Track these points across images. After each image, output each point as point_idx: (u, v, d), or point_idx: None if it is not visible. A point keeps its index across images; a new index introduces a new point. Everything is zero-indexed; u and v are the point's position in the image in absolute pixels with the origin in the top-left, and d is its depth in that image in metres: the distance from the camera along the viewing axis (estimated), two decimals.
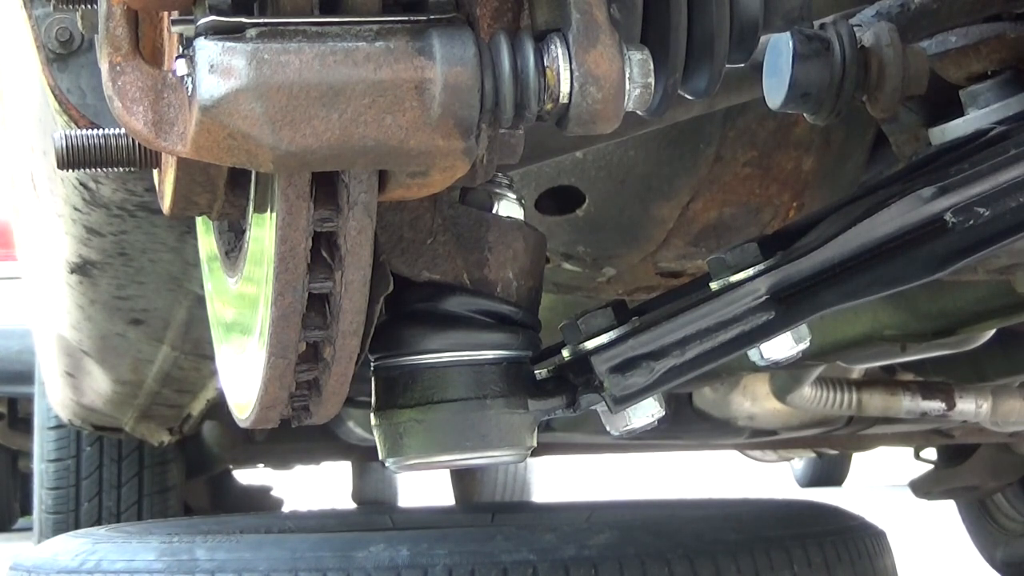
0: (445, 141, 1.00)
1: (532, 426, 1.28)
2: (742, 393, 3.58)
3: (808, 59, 1.31)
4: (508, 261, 1.28)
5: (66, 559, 2.25)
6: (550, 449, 4.38)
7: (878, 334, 2.63)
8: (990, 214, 1.25)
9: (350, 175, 1.05)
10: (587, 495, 8.00)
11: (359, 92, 0.98)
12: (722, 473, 12.53)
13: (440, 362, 1.25)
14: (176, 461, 4.13)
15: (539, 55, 1.03)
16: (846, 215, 1.30)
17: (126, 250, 2.18)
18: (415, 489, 8.08)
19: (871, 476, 11.78)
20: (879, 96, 1.34)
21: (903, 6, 1.43)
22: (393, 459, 1.27)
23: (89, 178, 1.93)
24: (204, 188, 1.21)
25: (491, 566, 1.99)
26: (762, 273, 1.28)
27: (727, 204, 1.99)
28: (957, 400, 3.39)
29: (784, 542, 2.14)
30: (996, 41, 1.43)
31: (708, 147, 1.93)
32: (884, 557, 2.37)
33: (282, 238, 1.07)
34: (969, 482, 4.39)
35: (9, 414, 7.77)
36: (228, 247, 1.31)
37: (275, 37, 0.98)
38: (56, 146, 1.19)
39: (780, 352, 1.29)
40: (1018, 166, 1.26)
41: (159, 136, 1.02)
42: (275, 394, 1.18)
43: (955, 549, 5.47)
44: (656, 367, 1.27)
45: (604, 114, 1.04)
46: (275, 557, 2.04)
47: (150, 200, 1.92)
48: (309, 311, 1.12)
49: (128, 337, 2.79)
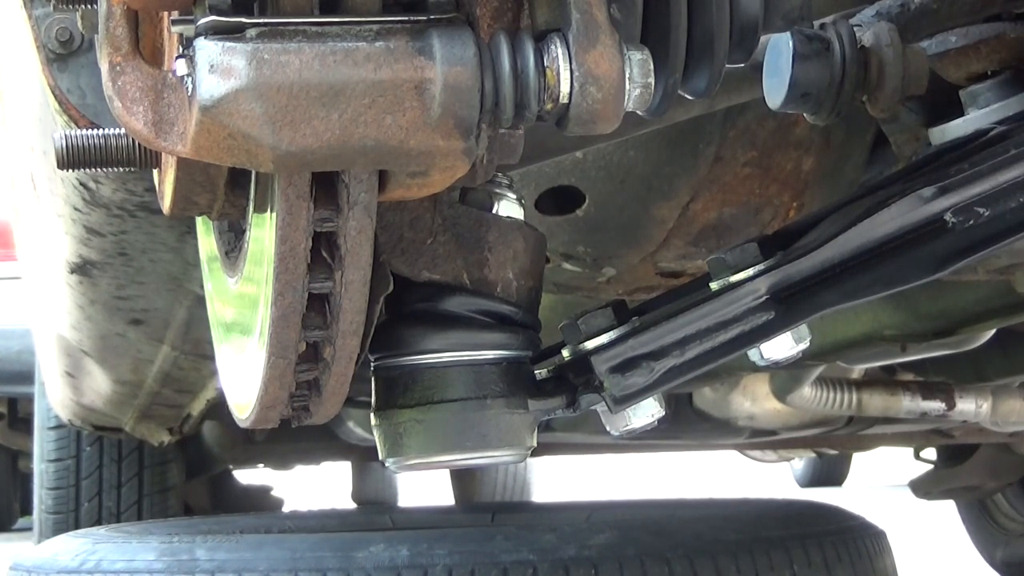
0: (445, 141, 1.00)
1: (532, 426, 1.28)
2: (742, 393, 3.57)
3: (808, 59, 1.31)
4: (508, 261, 1.28)
5: (66, 559, 2.25)
6: (550, 449, 4.38)
7: (878, 334, 2.63)
8: (990, 214, 1.25)
9: (350, 175, 1.05)
10: (587, 495, 8.00)
11: (359, 92, 0.98)
12: (722, 473, 12.52)
13: (440, 362, 1.25)
14: (176, 461, 4.13)
15: (539, 55, 1.03)
16: (846, 215, 1.30)
17: (126, 250, 2.18)
18: (415, 489, 8.08)
19: (871, 476, 11.78)
20: (879, 96, 1.34)
21: (903, 6, 1.43)
22: (393, 459, 1.27)
23: (89, 178, 1.93)
24: (204, 188, 1.20)
25: (491, 566, 1.99)
26: (762, 273, 1.28)
27: (727, 204, 1.99)
28: (957, 400, 3.39)
29: (784, 542, 2.14)
30: (996, 41, 1.43)
31: (708, 147, 1.92)
32: (884, 557, 2.37)
33: (282, 238, 1.07)
34: (969, 482, 4.39)
35: (9, 414, 7.77)
36: (228, 247, 1.31)
37: (275, 37, 0.98)
38: (56, 146, 1.19)
39: (780, 352, 1.29)
40: (1018, 166, 1.26)
41: (159, 136, 1.02)
42: (275, 394, 1.18)
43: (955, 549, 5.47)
44: (656, 367, 1.27)
45: (604, 114, 1.04)
46: (275, 557, 2.04)
47: (150, 200, 1.92)
48: (309, 311, 1.12)
49: (128, 337, 2.79)
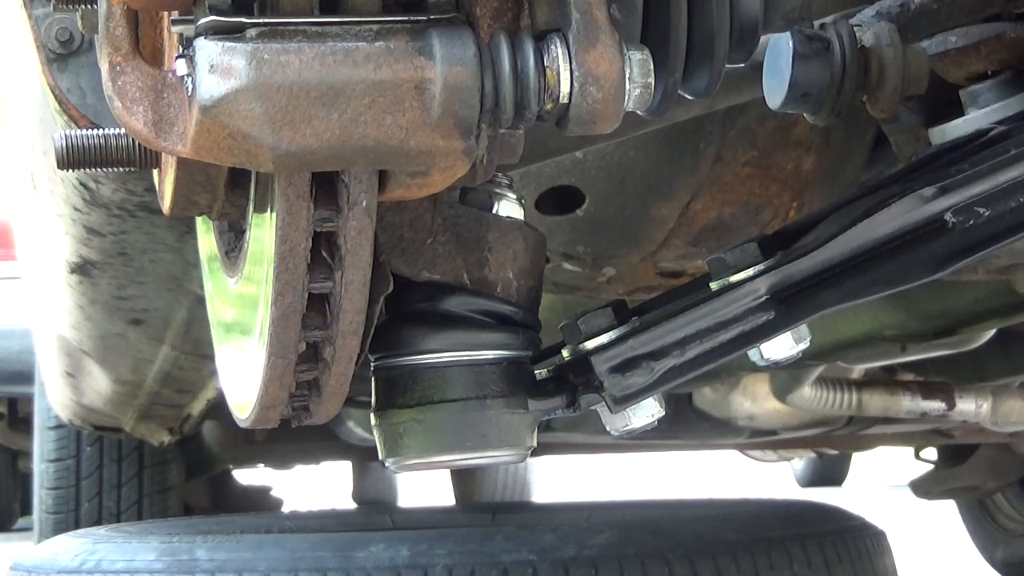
0: (445, 141, 1.00)
1: (532, 426, 1.28)
2: (742, 393, 3.57)
3: (808, 59, 1.31)
4: (508, 261, 1.28)
5: (66, 559, 2.25)
6: (550, 449, 4.38)
7: (878, 334, 2.63)
8: (990, 214, 1.25)
9: (350, 175, 1.05)
10: (587, 495, 8.00)
11: (359, 92, 0.98)
12: (722, 473, 12.52)
13: (440, 362, 1.25)
14: (176, 461, 4.13)
15: (539, 55, 1.03)
16: (846, 215, 1.30)
17: (126, 250, 2.18)
18: (415, 489, 8.08)
19: (871, 476, 11.78)
20: (879, 96, 1.34)
21: (903, 6, 1.43)
22: (393, 459, 1.27)
23: (89, 178, 1.93)
24: (204, 188, 1.20)
25: (491, 566, 1.99)
26: (762, 273, 1.28)
27: (727, 204, 1.99)
28: (957, 400, 3.39)
29: (784, 542, 2.14)
30: (996, 41, 1.43)
31: (708, 147, 1.92)
32: (884, 557, 2.37)
33: (282, 238, 1.06)
34: (969, 482, 4.39)
35: (9, 414, 7.76)
36: (228, 247, 1.31)
37: (275, 37, 0.98)
38: (56, 146, 1.19)
39: (780, 352, 1.29)
40: (1018, 166, 1.26)
41: (159, 136, 1.02)
42: (275, 394, 1.18)
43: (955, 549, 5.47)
44: (656, 367, 1.27)
45: (604, 114, 1.04)
46: (275, 557, 2.04)
47: (150, 200, 1.92)
48: (309, 311, 1.12)
49: (128, 337, 2.79)
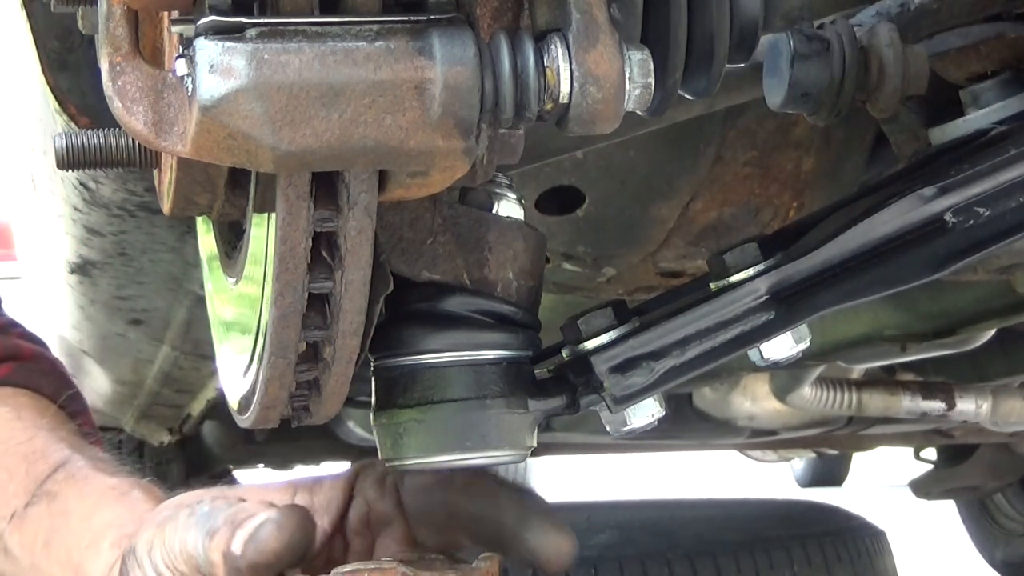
0: (445, 141, 1.00)
1: (532, 426, 1.28)
2: (742, 393, 3.57)
3: (808, 59, 1.31)
4: (508, 261, 1.28)
5: None
6: (550, 449, 4.38)
7: (878, 334, 2.63)
8: (990, 214, 1.25)
9: (350, 175, 1.05)
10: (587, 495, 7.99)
11: (359, 92, 0.98)
12: (722, 473, 12.52)
13: (440, 362, 1.25)
14: (176, 461, 4.13)
15: (539, 55, 1.03)
16: (846, 215, 1.30)
17: (126, 250, 2.18)
18: None
19: (871, 476, 11.78)
20: (879, 96, 1.34)
21: (903, 6, 1.43)
22: (393, 459, 1.27)
23: (89, 178, 1.93)
24: (204, 188, 1.20)
25: None
26: (762, 273, 1.28)
27: (727, 204, 1.99)
28: (957, 400, 3.39)
29: (784, 542, 2.14)
30: (996, 41, 1.43)
31: (708, 147, 1.93)
32: (884, 557, 2.37)
33: (282, 238, 1.06)
34: (969, 482, 4.39)
35: None
36: (228, 247, 1.31)
37: (275, 37, 0.98)
38: (56, 146, 1.19)
39: (780, 352, 1.29)
40: (1018, 166, 1.26)
41: (159, 136, 1.02)
42: (275, 394, 1.17)
43: (955, 549, 5.47)
44: (656, 367, 1.27)
45: (604, 114, 1.04)
46: None
47: (150, 200, 1.92)
48: (309, 311, 1.12)
49: (128, 337, 2.79)
